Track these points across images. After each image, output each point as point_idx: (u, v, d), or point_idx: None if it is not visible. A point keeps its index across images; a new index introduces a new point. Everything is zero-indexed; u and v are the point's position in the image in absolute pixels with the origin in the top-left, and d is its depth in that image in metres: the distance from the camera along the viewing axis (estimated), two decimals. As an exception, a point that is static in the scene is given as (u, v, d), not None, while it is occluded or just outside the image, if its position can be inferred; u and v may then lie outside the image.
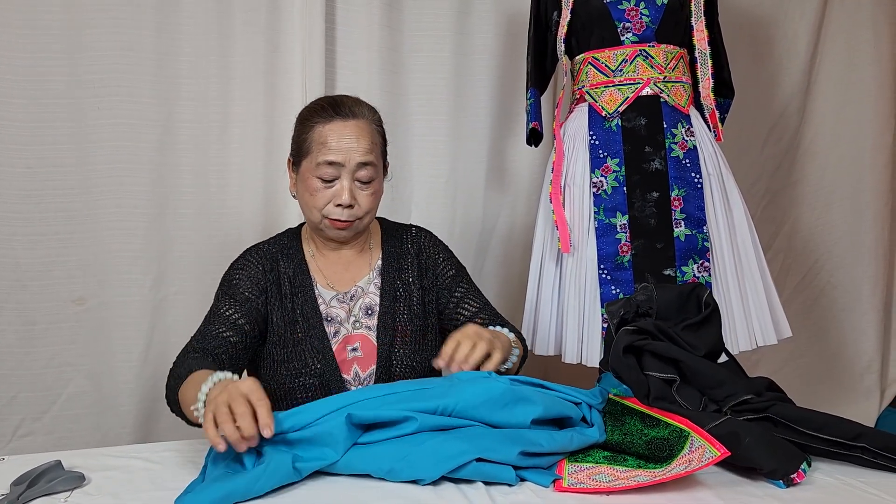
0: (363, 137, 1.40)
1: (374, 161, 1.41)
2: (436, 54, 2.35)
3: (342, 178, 1.39)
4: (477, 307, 1.50)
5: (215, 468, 1.04)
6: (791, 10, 2.67)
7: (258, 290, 1.44)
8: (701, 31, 1.93)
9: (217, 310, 1.41)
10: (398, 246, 1.53)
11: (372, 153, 1.41)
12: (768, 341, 1.90)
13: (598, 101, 1.91)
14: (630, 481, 0.99)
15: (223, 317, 1.39)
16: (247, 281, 1.44)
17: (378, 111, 1.48)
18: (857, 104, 2.74)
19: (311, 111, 1.45)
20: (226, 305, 1.41)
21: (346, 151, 1.38)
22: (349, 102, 1.44)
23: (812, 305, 2.83)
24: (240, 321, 1.39)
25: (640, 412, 1.15)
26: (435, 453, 1.02)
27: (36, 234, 2.05)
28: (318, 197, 1.40)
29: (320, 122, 1.41)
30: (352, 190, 1.39)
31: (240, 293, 1.42)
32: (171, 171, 2.14)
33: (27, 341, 2.06)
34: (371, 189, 1.42)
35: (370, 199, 1.43)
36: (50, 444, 2.05)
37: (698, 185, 1.87)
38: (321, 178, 1.40)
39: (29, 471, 1.04)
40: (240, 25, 2.17)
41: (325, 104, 1.44)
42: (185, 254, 2.16)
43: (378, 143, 1.45)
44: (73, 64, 2.04)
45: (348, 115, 1.41)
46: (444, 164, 2.39)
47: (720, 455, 0.98)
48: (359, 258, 1.51)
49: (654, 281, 1.85)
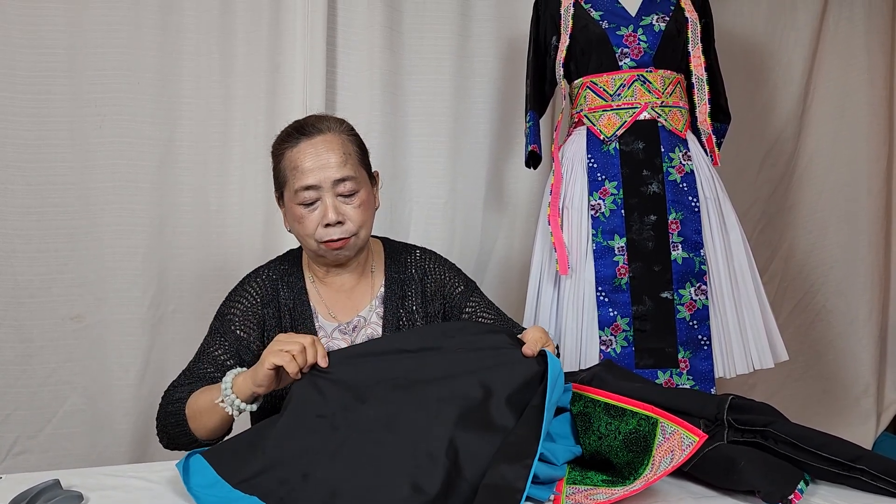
0: (333, 151, 1.34)
1: (351, 173, 1.35)
2: (436, 76, 2.37)
3: (323, 197, 1.34)
4: (491, 319, 1.46)
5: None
6: (786, 38, 2.71)
7: (252, 326, 1.40)
8: (698, 58, 1.96)
9: (207, 348, 1.38)
10: (402, 271, 1.48)
11: (346, 165, 1.35)
12: (765, 364, 1.90)
13: (597, 125, 1.93)
14: (626, 491, 1.01)
15: (213, 357, 1.36)
16: (240, 317, 1.40)
17: (348, 121, 1.43)
18: (851, 130, 2.77)
19: (278, 140, 1.41)
20: (216, 345, 1.38)
21: (320, 171, 1.33)
22: (312, 120, 1.39)
23: (808, 329, 2.84)
24: (229, 363, 1.36)
25: (602, 403, 1.15)
26: None
27: (35, 251, 2.05)
28: (307, 223, 1.35)
29: (288, 148, 1.37)
30: (336, 206, 1.33)
31: (231, 332, 1.38)
32: (172, 191, 2.15)
33: (24, 358, 2.06)
34: (357, 201, 1.36)
35: (359, 212, 1.36)
36: (45, 463, 2.04)
37: (695, 209, 1.89)
38: (303, 203, 1.35)
39: (27, 490, 1.03)
40: (241, 46, 2.19)
41: (290, 129, 1.40)
42: (183, 273, 2.17)
43: (353, 153, 1.38)
44: (74, 83, 2.06)
45: (313, 133, 1.36)
46: (443, 185, 2.41)
47: (699, 440, 0.99)
48: (361, 284, 1.46)
49: (651, 303, 1.86)
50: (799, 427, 1.13)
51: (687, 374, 1.85)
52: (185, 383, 1.34)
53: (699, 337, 1.86)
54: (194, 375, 1.35)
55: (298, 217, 1.36)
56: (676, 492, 1.09)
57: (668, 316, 1.86)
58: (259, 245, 2.20)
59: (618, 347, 1.86)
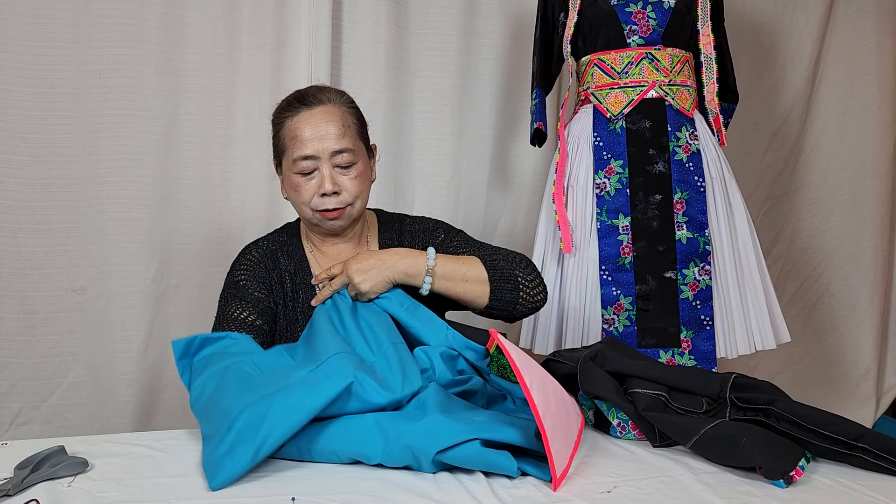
0: (332, 123, 1.37)
1: (349, 145, 1.37)
2: (441, 53, 2.36)
3: (321, 167, 1.37)
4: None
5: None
6: (796, 19, 2.69)
7: (266, 288, 1.41)
8: (707, 36, 1.94)
9: (226, 314, 1.37)
10: (395, 238, 1.51)
11: (345, 136, 1.37)
12: (767, 345, 1.90)
13: (603, 103, 1.92)
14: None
15: (236, 320, 1.36)
16: (253, 280, 1.41)
17: (349, 93, 1.45)
18: (859, 113, 2.75)
19: (279, 109, 1.43)
20: (236, 308, 1.37)
21: (318, 141, 1.35)
22: (313, 91, 1.41)
23: (810, 312, 2.84)
24: (257, 322, 1.36)
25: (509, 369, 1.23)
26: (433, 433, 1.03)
27: (39, 222, 2.05)
28: (303, 191, 1.38)
29: (288, 118, 1.39)
30: (333, 177, 1.36)
31: (249, 293, 1.39)
32: (175, 164, 2.15)
33: (28, 329, 2.06)
34: (353, 172, 1.39)
35: (355, 183, 1.39)
36: (48, 433, 2.05)
37: (701, 189, 1.88)
38: (301, 172, 1.37)
39: (32, 455, 1.04)
40: (247, 19, 2.17)
41: (291, 99, 1.42)
42: (187, 246, 2.17)
43: (352, 125, 1.40)
44: (79, 54, 2.05)
45: (314, 103, 1.38)
46: (447, 162, 2.40)
47: (552, 480, 1.00)
48: (356, 251, 1.48)
49: (654, 283, 1.86)
50: (801, 406, 1.14)
51: (689, 354, 1.85)
52: None
53: (702, 317, 1.86)
54: None
55: (295, 185, 1.39)
56: (677, 467, 1.10)
57: (671, 296, 1.86)
58: (263, 219, 2.20)
59: (620, 326, 1.86)
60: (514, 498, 0.97)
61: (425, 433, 1.03)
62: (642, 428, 1.21)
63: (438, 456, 1.02)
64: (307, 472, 1.05)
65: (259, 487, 1.00)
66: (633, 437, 1.23)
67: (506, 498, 0.97)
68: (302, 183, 1.38)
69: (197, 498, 0.97)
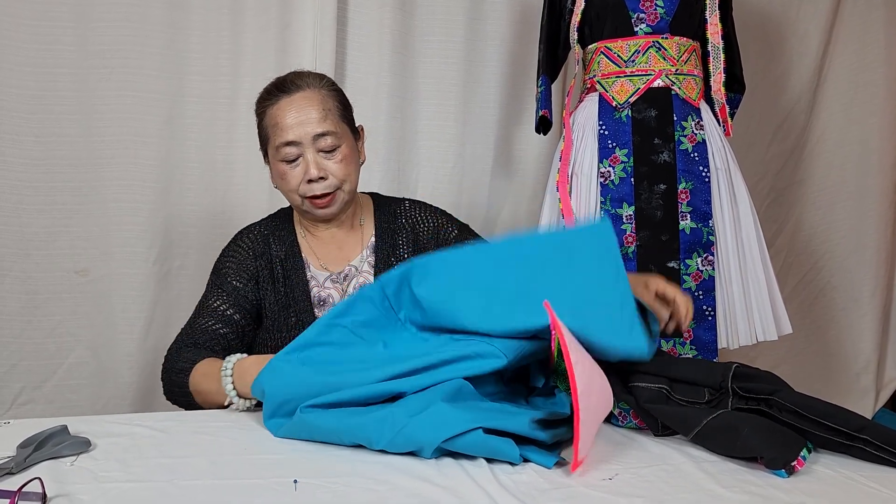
0: (313, 107, 1.37)
1: (331, 128, 1.37)
2: (447, 38, 2.35)
3: (305, 153, 1.37)
4: None
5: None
6: (804, 9, 2.67)
7: (247, 278, 1.43)
8: (715, 25, 1.93)
9: (206, 302, 1.42)
10: (391, 221, 1.51)
11: (327, 120, 1.37)
12: (769, 336, 1.91)
13: (609, 91, 1.91)
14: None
15: (212, 309, 1.40)
16: (235, 269, 1.43)
17: (330, 76, 1.46)
18: (865, 105, 2.74)
19: (260, 98, 1.43)
20: (215, 297, 1.41)
21: (299, 126, 1.36)
22: (291, 77, 1.42)
23: (811, 304, 2.84)
24: (229, 312, 1.39)
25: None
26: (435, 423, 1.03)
27: (42, 203, 2.05)
28: (289, 179, 1.39)
29: (269, 106, 1.40)
30: (318, 162, 1.37)
31: (228, 283, 1.42)
32: (178, 146, 2.14)
33: (30, 310, 2.07)
34: (339, 156, 1.38)
35: (341, 167, 1.39)
36: (49, 413, 2.05)
37: (706, 179, 1.88)
38: (285, 160, 1.38)
39: (35, 434, 1.04)
40: (251, 1, 2.16)
41: (270, 87, 1.42)
42: (189, 229, 2.17)
43: (333, 108, 1.40)
44: (81, 34, 2.04)
45: (293, 90, 1.38)
46: (451, 149, 2.39)
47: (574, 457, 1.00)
48: (350, 236, 1.49)
49: (657, 272, 1.86)
50: (803, 396, 1.13)
51: (690, 344, 1.85)
52: (188, 343, 1.36)
53: (704, 307, 1.86)
54: (196, 331, 1.38)
55: (281, 173, 1.39)
56: (678, 456, 1.10)
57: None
58: (265, 202, 2.18)
59: (622, 315, 1.86)
60: (516, 483, 0.97)
61: (429, 423, 1.03)
62: (644, 418, 1.21)
63: (441, 444, 1.02)
64: (309, 456, 1.05)
65: (261, 470, 1.00)
66: (634, 425, 1.23)
67: (507, 483, 0.97)
68: (287, 170, 1.38)
69: (199, 478, 0.97)
